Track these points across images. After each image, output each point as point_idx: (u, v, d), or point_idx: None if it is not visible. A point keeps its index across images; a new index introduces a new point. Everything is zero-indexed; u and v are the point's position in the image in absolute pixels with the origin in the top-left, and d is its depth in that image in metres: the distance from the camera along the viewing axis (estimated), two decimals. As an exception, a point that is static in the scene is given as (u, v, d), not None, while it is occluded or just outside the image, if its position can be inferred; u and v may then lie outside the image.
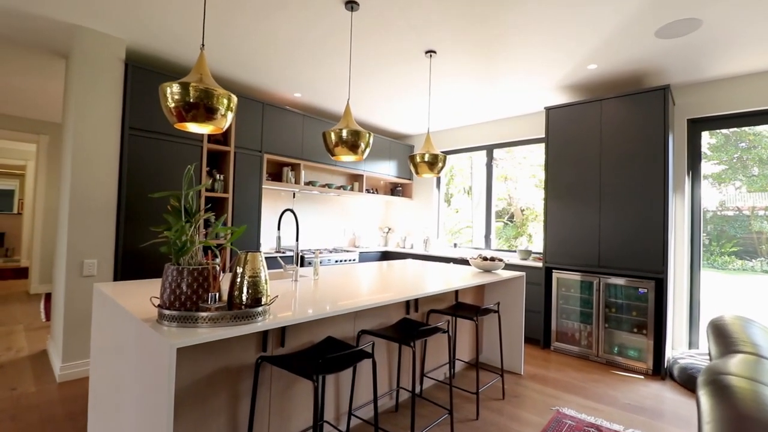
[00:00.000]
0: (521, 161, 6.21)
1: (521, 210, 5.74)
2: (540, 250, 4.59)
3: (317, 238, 5.10)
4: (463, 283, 2.52)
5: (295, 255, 2.34)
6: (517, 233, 5.98)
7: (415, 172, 3.04)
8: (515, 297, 3.23)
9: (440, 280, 2.66)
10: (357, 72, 3.54)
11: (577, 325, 3.73)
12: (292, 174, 4.33)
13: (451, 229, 6.73)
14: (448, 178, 5.90)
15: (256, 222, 3.89)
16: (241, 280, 1.41)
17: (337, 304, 1.78)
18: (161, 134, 3.23)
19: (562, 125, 3.85)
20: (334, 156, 2.40)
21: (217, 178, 3.64)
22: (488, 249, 5.03)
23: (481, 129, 5.13)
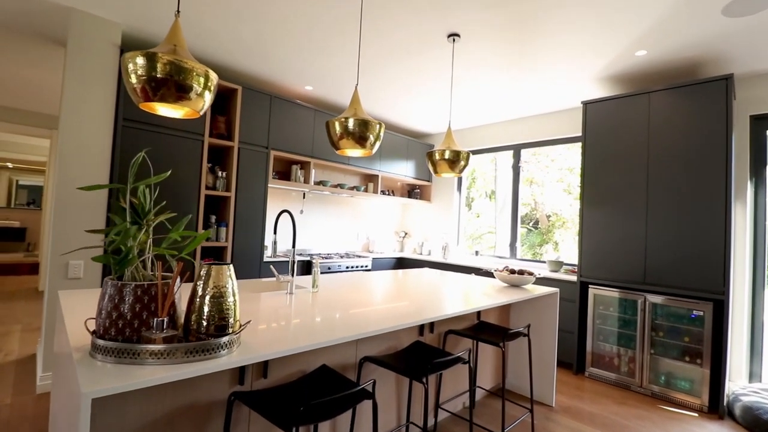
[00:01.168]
0: (549, 164, 5.77)
1: (547, 216, 5.32)
2: (572, 261, 4.13)
3: (329, 242, 4.79)
4: (488, 302, 2.14)
5: (291, 263, 2.01)
6: (542, 240, 5.55)
7: (434, 171, 2.68)
8: (547, 316, 2.81)
9: (460, 296, 2.29)
10: (372, 63, 3.22)
11: (617, 349, 3.27)
12: (301, 173, 4.03)
13: (472, 235, 6.32)
14: (470, 181, 5.50)
15: (261, 224, 3.60)
16: (200, 300, 1.09)
17: (333, 329, 1.43)
18: (158, 127, 2.98)
19: (602, 122, 3.40)
20: (338, 150, 2.07)
21: (219, 176, 3.38)
22: (513, 258, 4.60)
23: (507, 127, 4.71)
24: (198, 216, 3.18)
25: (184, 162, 3.11)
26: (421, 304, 1.98)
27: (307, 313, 1.63)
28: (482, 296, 2.32)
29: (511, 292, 2.53)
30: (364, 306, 1.85)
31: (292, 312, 1.64)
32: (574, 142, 4.23)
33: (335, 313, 1.68)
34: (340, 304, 1.86)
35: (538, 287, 2.79)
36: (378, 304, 1.90)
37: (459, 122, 4.91)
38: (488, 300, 2.20)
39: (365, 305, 1.87)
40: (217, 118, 3.38)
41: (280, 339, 1.28)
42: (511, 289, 2.62)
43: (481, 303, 2.11)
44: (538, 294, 2.54)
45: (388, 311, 1.77)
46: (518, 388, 2.95)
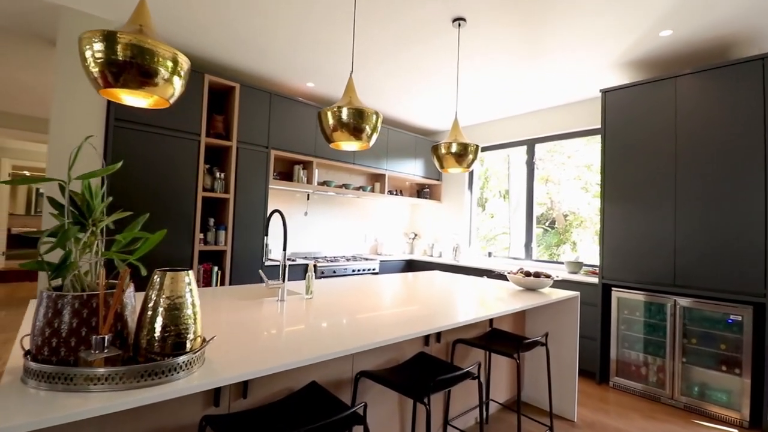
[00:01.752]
0: (565, 161, 5.51)
1: (564, 215, 5.06)
2: (593, 262, 3.87)
3: (335, 245, 4.62)
4: (501, 308, 1.93)
5: (282, 268, 1.84)
6: (559, 241, 5.29)
7: (440, 166, 2.48)
8: (566, 322, 2.58)
9: (471, 301, 2.08)
10: (372, 54, 3.04)
11: (644, 357, 3.00)
12: (304, 173, 3.88)
13: (485, 236, 6.10)
14: (483, 181, 5.27)
15: (262, 227, 3.46)
16: (151, 314, 0.93)
17: (321, 343, 1.26)
18: (152, 127, 2.87)
19: (623, 111, 3.15)
20: (332, 143, 1.90)
21: (217, 177, 3.25)
22: (529, 259, 4.35)
23: (520, 121, 4.47)
24: (195, 219, 3.06)
25: (180, 163, 2.99)
26: (427, 311, 1.79)
27: (295, 324, 1.46)
28: (495, 301, 2.11)
29: (526, 296, 2.31)
30: (362, 314, 1.67)
31: (277, 323, 1.47)
32: (592, 134, 3.97)
33: (327, 323, 1.50)
34: (335, 312, 1.69)
35: (557, 291, 2.56)
36: (378, 312, 1.72)
37: (468, 118, 4.70)
38: (501, 306, 1.99)
39: (364, 313, 1.68)
40: (215, 117, 3.26)
41: (255, 356, 1.10)
42: (527, 293, 2.40)
43: (493, 309, 1.90)
44: (557, 298, 2.31)
45: (388, 320, 1.58)
46: (536, 400, 2.72)
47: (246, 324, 1.43)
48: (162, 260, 2.88)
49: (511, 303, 2.08)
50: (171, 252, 2.93)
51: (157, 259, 2.86)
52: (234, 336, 1.28)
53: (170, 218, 2.93)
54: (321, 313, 1.66)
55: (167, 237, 2.91)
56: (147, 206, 2.83)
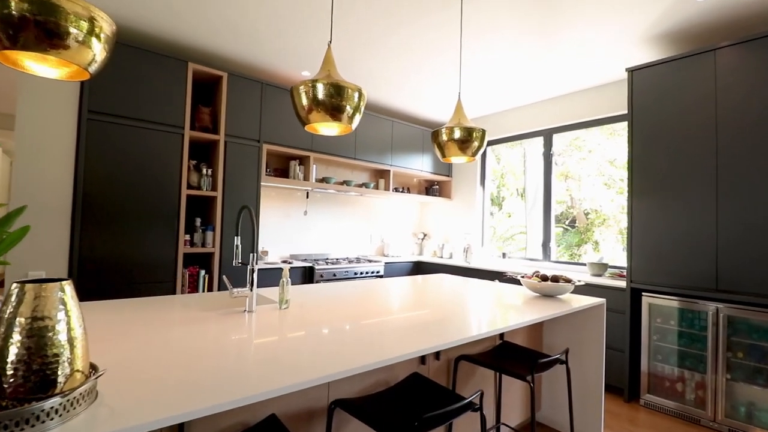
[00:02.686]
0: (585, 156, 5.15)
1: (585, 213, 4.67)
2: (618, 264, 3.49)
3: (338, 246, 4.36)
4: (514, 320, 1.62)
5: (249, 273, 1.57)
6: (580, 240, 4.92)
7: (441, 155, 2.18)
8: (590, 333, 2.23)
9: (477, 309, 1.77)
10: (368, 35, 2.77)
11: (680, 371, 2.62)
12: (300, 169, 3.63)
13: (502, 236, 5.77)
14: (499, 181, 4.94)
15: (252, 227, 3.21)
16: (3, 341, 0.66)
17: (286, 367, 0.98)
18: (129, 119, 2.66)
19: (652, 92, 2.78)
20: (307, 125, 1.63)
21: (204, 173, 3.03)
22: (547, 260, 3.99)
23: (535, 110, 4.11)
24: (179, 219, 2.84)
25: (162, 158, 2.78)
26: (425, 322, 1.49)
27: (255, 343, 1.19)
28: (506, 310, 1.80)
29: (543, 303, 1.98)
30: (346, 328, 1.38)
31: (233, 341, 1.20)
32: (617, 121, 3.59)
33: (297, 341, 1.22)
34: (311, 327, 1.41)
35: (579, 297, 2.22)
36: (366, 325, 1.43)
37: (478, 107, 4.37)
38: (514, 316, 1.68)
39: (348, 327, 1.40)
40: (201, 108, 3.04)
41: (183, 391, 0.84)
42: (544, 300, 2.08)
43: (503, 322, 1.59)
44: (579, 307, 1.98)
45: (376, 337, 1.29)
46: (555, 422, 2.38)
47: (191, 344, 1.16)
48: (141, 264, 2.67)
49: (526, 313, 1.77)
50: (151, 255, 2.71)
51: (134, 264, 2.64)
52: (165, 361, 1.02)
53: (151, 218, 2.72)
54: (295, 327, 1.38)
55: (147, 239, 2.70)
56: (124, 205, 2.62)
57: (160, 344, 1.14)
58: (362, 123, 4.04)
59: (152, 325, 1.32)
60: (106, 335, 1.20)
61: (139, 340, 1.16)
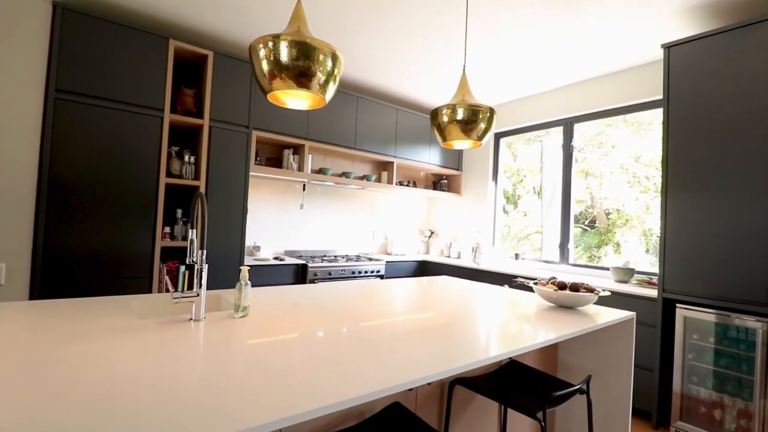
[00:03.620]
0: (609, 152, 4.77)
1: (606, 213, 4.28)
2: (641, 268, 3.12)
3: (338, 242, 4.08)
4: (524, 341, 1.30)
5: (197, 273, 1.29)
6: (600, 241, 4.55)
7: (441, 138, 1.86)
8: (617, 353, 1.89)
9: (480, 323, 1.46)
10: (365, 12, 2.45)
11: (720, 396, 2.25)
12: (295, 159, 3.36)
13: (517, 235, 5.43)
14: (516, 179, 4.58)
15: (241, 220, 2.96)
16: None
17: (199, 413, 0.69)
18: (102, 100, 2.43)
19: (693, 71, 2.39)
20: (269, 93, 1.33)
21: (186, 161, 2.78)
22: (564, 263, 3.62)
23: (554, 97, 3.73)
24: (156, 209, 2.59)
25: (139, 143, 2.54)
26: (414, 341, 1.19)
27: (173, 371, 0.90)
28: (516, 323, 1.47)
29: (560, 316, 1.65)
30: (308, 348, 1.09)
31: (145, 367, 0.92)
32: (649, 108, 3.19)
33: (239, 366, 0.93)
34: (264, 345, 1.12)
35: (602, 309, 1.88)
36: (336, 345, 1.14)
37: (489, 96, 4.01)
38: (524, 334, 1.36)
39: (310, 347, 1.11)
40: (184, 90, 2.79)
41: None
42: (561, 312, 1.74)
43: (510, 341, 1.27)
44: (604, 323, 1.63)
45: (343, 360, 1.00)
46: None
47: (88, 368, 0.88)
48: (113, 258, 2.43)
49: (539, 329, 1.44)
50: (125, 248, 2.48)
51: (106, 257, 2.41)
52: (38, 395, 0.74)
53: (125, 208, 2.48)
54: (241, 345, 1.09)
55: (120, 230, 2.46)
56: (95, 193, 2.39)
57: (47, 367, 0.86)
58: (364, 110, 3.74)
59: (55, 338, 1.05)
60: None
61: (21, 360, 0.89)
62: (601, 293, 1.79)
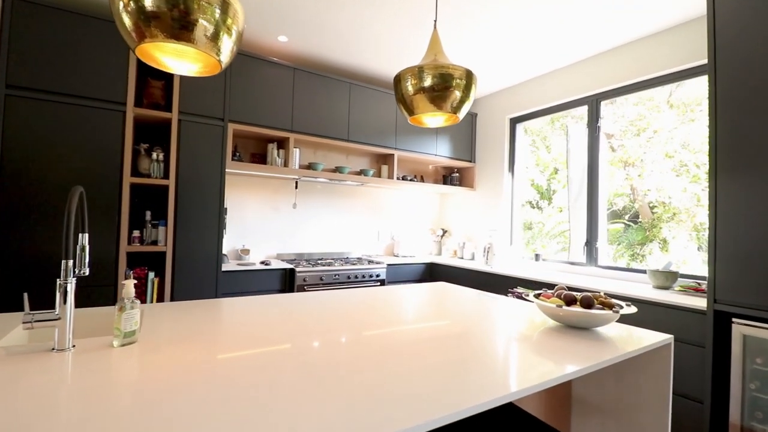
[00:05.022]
0: (651, 137, 4.20)
1: (650, 207, 3.77)
2: (694, 271, 2.57)
3: (338, 244, 3.77)
4: (519, 380, 0.91)
5: (60, 289, 1.00)
6: (643, 238, 4.02)
7: (407, 113, 1.48)
8: (648, 385, 1.43)
9: (468, 349, 1.08)
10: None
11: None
12: (280, 153, 3.07)
13: (548, 233, 4.95)
14: (550, 172, 4.12)
15: (216, 221, 2.71)
16: None
17: None
18: (58, 95, 2.24)
19: (747, 29, 1.86)
20: (136, 48, 1.02)
21: (154, 158, 2.56)
22: (592, 264, 3.11)
23: (575, 72, 3.22)
24: (120, 211, 2.39)
25: (99, 140, 2.34)
26: (363, 381, 0.84)
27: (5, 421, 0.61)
28: (512, 347, 1.08)
29: (570, 340, 1.24)
30: (204, 398, 0.77)
31: None
32: (690, 76, 2.63)
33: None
34: (146, 393, 0.81)
35: (628, 330, 1.43)
36: (242, 394, 0.81)
37: (503, 77, 3.54)
38: (520, 369, 0.96)
39: (204, 403, 0.78)
40: (151, 82, 2.57)
41: None
42: (571, 334, 1.32)
43: (497, 383, 0.89)
44: (628, 353, 1.19)
45: (248, 417, 0.67)
46: None
47: None
48: (72, 265, 2.24)
49: (543, 359, 1.04)
50: (86, 254, 2.28)
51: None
52: None
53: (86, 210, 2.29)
54: (117, 387, 0.79)
55: (80, 235, 2.27)
56: (49, 195, 2.21)
57: None
58: (358, 98, 3.40)
59: None
60: None
61: None
62: (624, 310, 1.35)
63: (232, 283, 2.73)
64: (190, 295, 2.58)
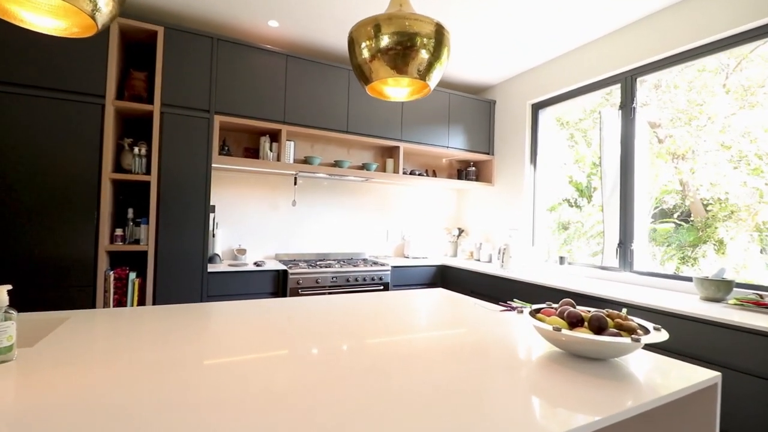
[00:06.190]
0: (705, 124, 3.76)
1: (704, 204, 3.45)
2: (758, 279, 2.10)
3: (342, 244, 3.54)
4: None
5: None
6: (695, 240, 3.53)
7: (363, 81, 1.20)
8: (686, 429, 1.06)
9: (437, 389, 0.80)
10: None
11: None
12: (272, 147, 2.87)
13: (587, 233, 4.60)
14: (589, 167, 3.72)
15: (203, 219, 2.55)
16: None
17: None
18: (30, 88, 2.15)
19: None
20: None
21: (136, 153, 2.43)
22: (625, 269, 2.66)
23: (607, 45, 2.78)
24: (99, 210, 2.27)
25: (76, 135, 2.23)
26: None
27: None
28: (490, 385, 0.79)
29: (578, 374, 0.92)
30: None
31: None
32: (748, 40, 2.15)
33: None
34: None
35: (655, 361, 1.07)
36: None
37: (522, 59, 3.16)
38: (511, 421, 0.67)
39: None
40: (133, 74, 2.45)
41: None
42: (582, 364, 0.99)
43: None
44: (657, 400, 0.85)
45: None
46: None
47: None
48: (47, 265, 2.15)
49: (525, 414, 0.74)
50: (62, 254, 2.18)
51: (38, 264, 2.13)
52: None
53: (60, 208, 2.19)
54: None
55: (55, 234, 2.17)
56: (25, 194, 2.12)
57: None
58: (358, 86, 3.15)
59: None
60: None
61: None
62: (649, 337, 0.99)
63: (221, 286, 2.56)
64: (174, 297, 2.44)
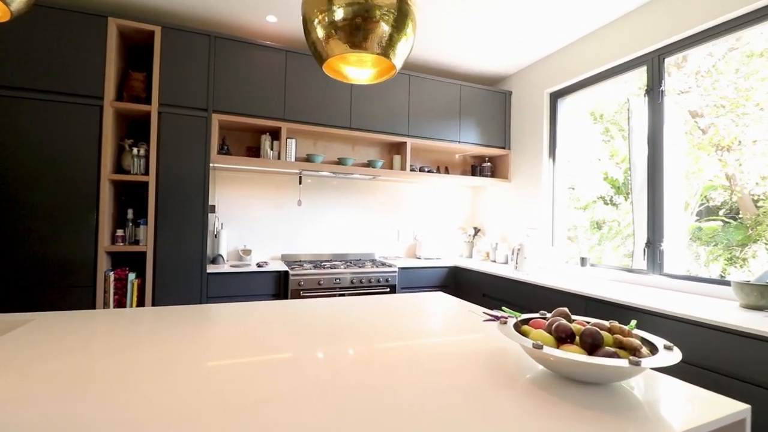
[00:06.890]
0: (752, 110, 3.40)
1: (754, 199, 3.12)
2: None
3: (351, 244, 3.43)
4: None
5: None
6: (744, 238, 3.23)
7: (319, 61, 1.08)
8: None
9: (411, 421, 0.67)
10: None
11: None
12: (273, 146, 2.81)
13: (620, 232, 4.33)
14: (626, 163, 3.48)
15: (201, 219, 2.51)
16: None
17: None
18: (29, 91, 2.18)
19: None
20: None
21: (134, 153, 2.43)
22: (654, 272, 2.39)
23: (630, 24, 2.51)
24: (98, 210, 2.28)
25: (74, 137, 2.25)
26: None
27: None
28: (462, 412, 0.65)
29: (570, 401, 0.75)
30: None
31: None
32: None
33: None
34: None
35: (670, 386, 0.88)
36: None
37: (539, 45, 2.92)
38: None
39: None
40: (132, 75, 2.45)
41: None
42: (576, 388, 0.83)
43: None
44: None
45: None
46: None
47: None
48: (47, 265, 2.17)
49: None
50: (61, 254, 2.20)
51: (38, 265, 2.16)
52: None
53: (60, 210, 2.21)
54: None
55: (55, 235, 2.19)
56: (26, 195, 2.15)
57: None
58: (364, 81, 3.03)
59: None
60: None
61: None
62: (654, 360, 0.81)
63: (222, 287, 2.52)
64: (173, 299, 2.41)
